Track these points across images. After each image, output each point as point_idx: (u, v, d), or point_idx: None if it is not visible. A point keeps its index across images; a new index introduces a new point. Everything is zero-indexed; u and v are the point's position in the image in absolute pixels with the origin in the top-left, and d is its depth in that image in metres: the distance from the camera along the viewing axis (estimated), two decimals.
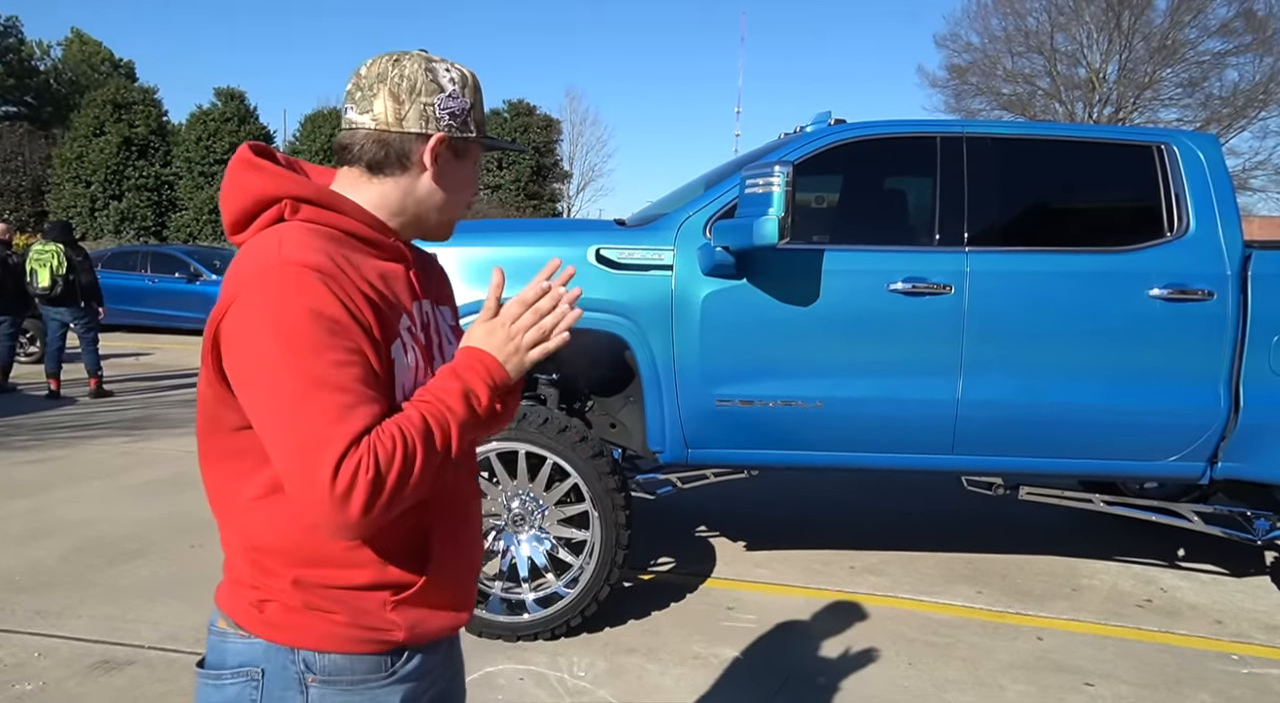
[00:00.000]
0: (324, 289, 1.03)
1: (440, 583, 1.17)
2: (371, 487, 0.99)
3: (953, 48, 29.24)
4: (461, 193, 1.23)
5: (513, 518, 3.43)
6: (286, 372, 1.00)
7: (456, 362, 1.17)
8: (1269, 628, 3.65)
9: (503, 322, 1.19)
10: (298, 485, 1.00)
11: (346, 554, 1.11)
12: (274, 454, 1.02)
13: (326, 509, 0.99)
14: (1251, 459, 3.50)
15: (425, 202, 1.20)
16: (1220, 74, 26.59)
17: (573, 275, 1.24)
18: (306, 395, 0.99)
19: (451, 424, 1.10)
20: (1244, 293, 3.42)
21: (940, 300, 3.38)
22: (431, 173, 1.18)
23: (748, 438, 3.47)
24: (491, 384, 1.16)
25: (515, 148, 1.41)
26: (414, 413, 1.07)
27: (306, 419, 0.99)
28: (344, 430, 0.99)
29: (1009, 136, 3.65)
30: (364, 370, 1.04)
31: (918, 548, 4.47)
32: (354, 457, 0.99)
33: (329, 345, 1.01)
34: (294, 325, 1.00)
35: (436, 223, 1.23)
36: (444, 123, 1.17)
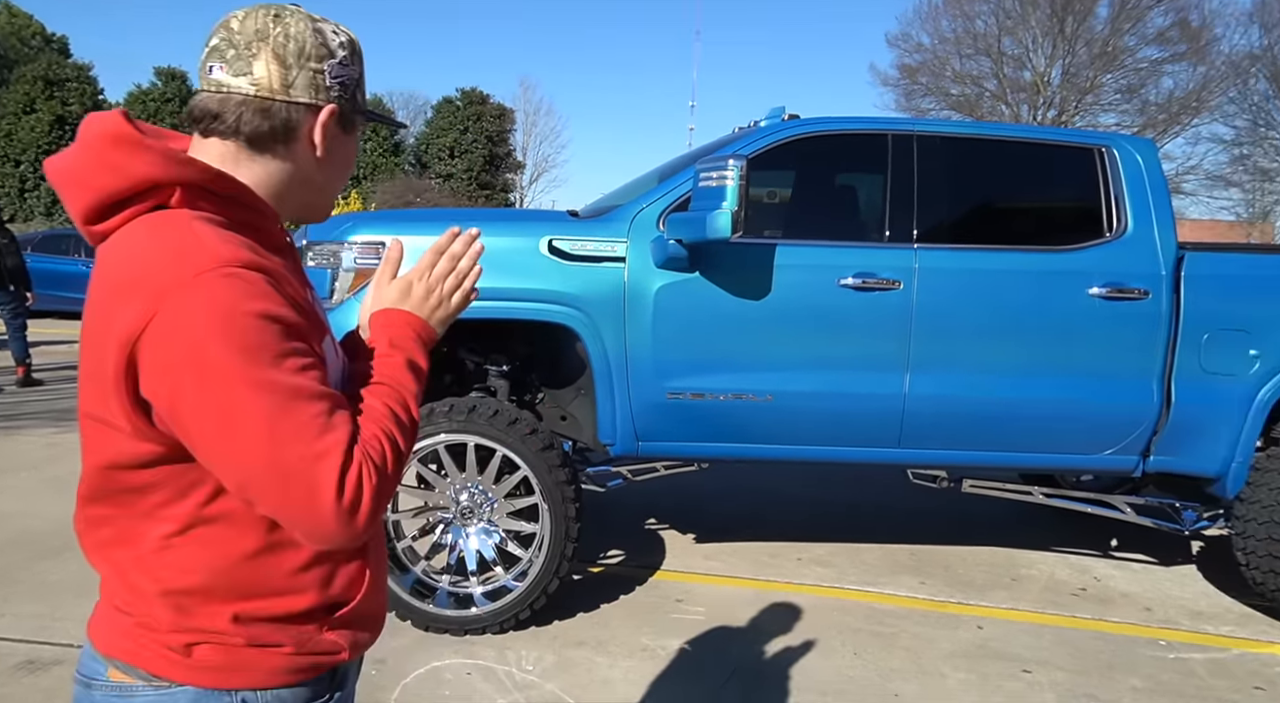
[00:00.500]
0: (270, 290, 0.93)
1: (374, 590, 1.13)
2: (376, 493, 0.94)
3: (904, 47, 29.70)
4: (345, 173, 1.12)
5: (461, 511, 3.39)
6: (253, 389, 0.88)
7: (384, 330, 1.12)
8: (1194, 614, 3.79)
9: (418, 274, 1.14)
10: (296, 509, 0.92)
11: (290, 580, 1.03)
12: (251, 483, 0.92)
13: (334, 526, 0.92)
14: (1181, 453, 3.63)
15: (309, 183, 1.07)
16: (1157, 81, 27.45)
17: (476, 236, 1.19)
18: (283, 411, 0.89)
19: (410, 402, 1.07)
20: (1177, 293, 3.53)
21: (889, 296, 3.43)
22: (320, 150, 1.05)
23: (699, 431, 3.49)
24: (426, 346, 1.13)
25: (397, 124, 1.33)
26: (376, 403, 1.03)
27: (290, 437, 0.89)
28: (334, 441, 0.92)
29: (958, 136, 3.72)
30: (323, 371, 0.97)
31: (863, 540, 4.54)
32: (354, 466, 0.92)
33: (290, 351, 0.92)
34: (249, 335, 0.89)
35: (318, 206, 1.12)
36: (335, 93, 1.04)
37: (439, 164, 32.73)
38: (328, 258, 3.42)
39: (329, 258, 3.42)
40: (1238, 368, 3.55)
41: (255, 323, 0.90)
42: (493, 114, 33.44)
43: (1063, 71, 27.75)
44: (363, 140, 29.75)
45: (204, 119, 1.02)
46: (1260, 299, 3.56)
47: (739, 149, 3.48)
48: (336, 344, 1.13)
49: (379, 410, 1.02)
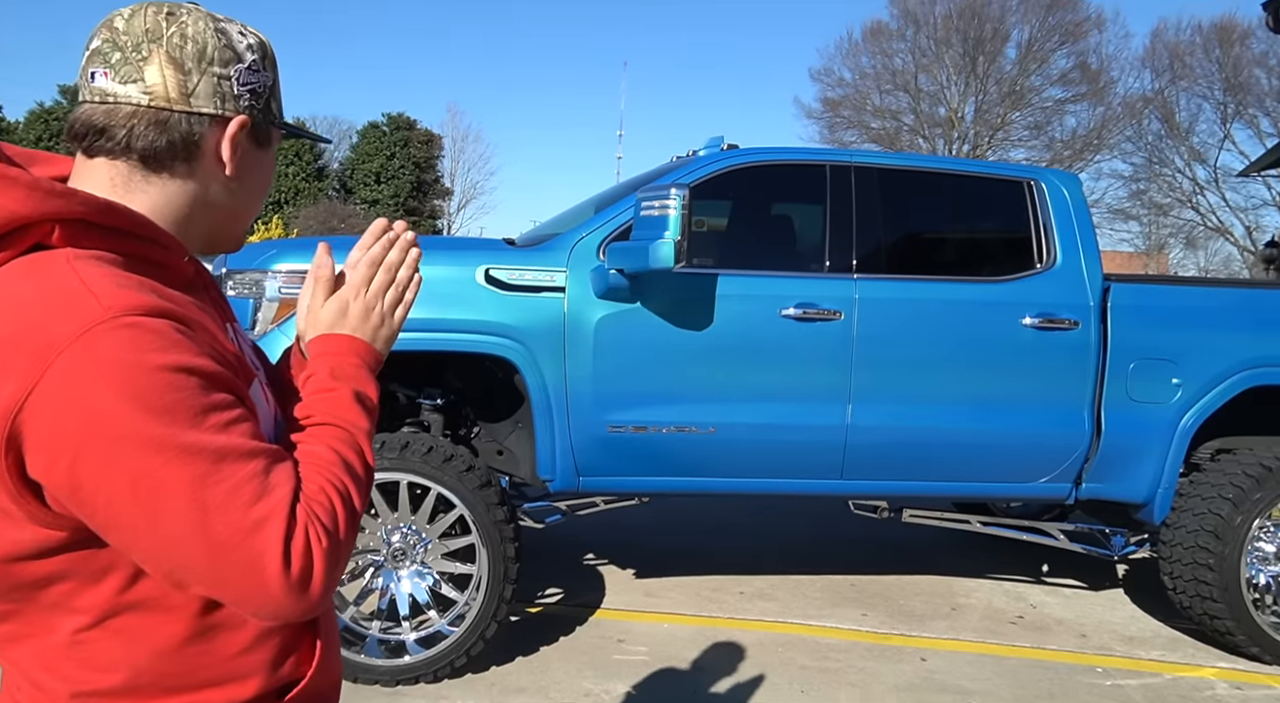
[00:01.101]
0: (180, 338, 0.79)
1: (326, 663, 0.98)
2: (328, 557, 0.80)
3: (826, 82, 30.62)
4: (260, 194, 0.98)
5: (393, 553, 3.23)
6: (170, 456, 0.75)
7: (322, 359, 0.97)
8: (1126, 639, 3.85)
9: (353, 291, 1.01)
10: (238, 589, 0.78)
11: (231, 666, 0.89)
12: (180, 565, 0.78)
13: (284, 602, 0.79)
14: (1111, 480, 3.71)
15: (217, 207, 0.92)
16: (1061, 119, 28.94)
17: (413, 241, 1.06)
18: (209, 477, 0.76)
19: (362, 443, 0.92)
20: (1104, 323, 3.62)
21: (830, 326, 3.42)
22: (230, 168, 0.91)
23: (641, 465, 3.40)
24: (373, 373, 0.99)
25: (318, 138, 1.18)
26: (321, 449, 0.89)
27: (221, 507, 0.76)
28: (274, 504, 0.79)
29: (894, 167, 3.76)
30: (252, 423, 0.83)
31: (804, 571, 4.50)
32: (299, 530, 0.79)
33: (210, 405, 0.78)
34: (159, 394, 0.75)
35: (229, 233, 0.97)
36: (245, 102, 0.90)
37: (364, 189, 32.19)
38: (249, 288, 3.24)
39: (250, 288, 3.23)
40: (1162, 396, 3.65)
41: (165, 379, 0.76)
42: (420, 140, 33.11)
43: (975, 108, 29.01)
44: (284, 164, 29.54)
45: (87, 135, 0.86)
46: (1181, 328, 3.67)
47: (679, 178, 3.45)
48: (267, 388, 0.99)
49: (325, 458, 0.88)
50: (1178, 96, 26.93)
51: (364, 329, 1.01)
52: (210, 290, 0.98)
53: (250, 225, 1.03)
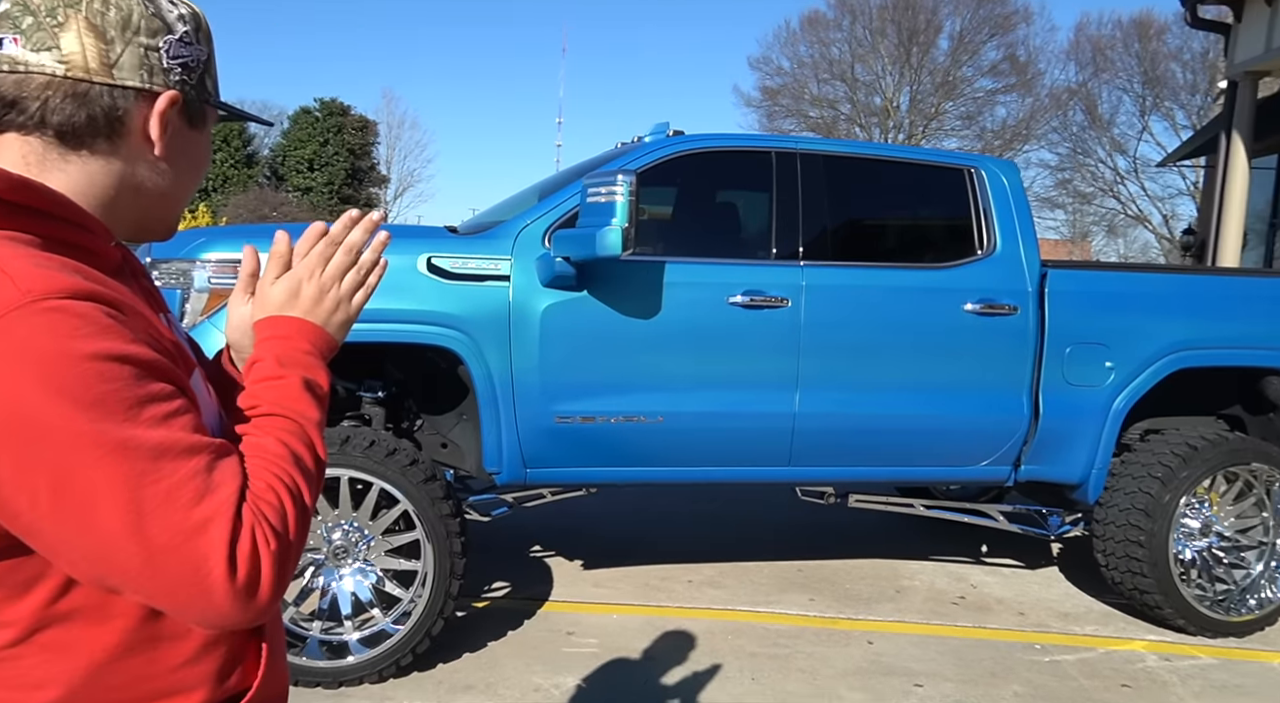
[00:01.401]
0: (110, 323, 0.72)
1: (274, 669, 0.92)
2: (277, 559, 0.74)
3: (765, 70, 30.82)
4: (194, 178, 0.91)
5: (334, 551, 3.13)
6: (102, 453, 0.69)
7: (269, 344, 0.90)
8: (1062, 616, 3.96)
9: (308, 270, 0.94)
10: (179, 597, 0.72)
11: (174, 678, 0.82)
12: (114, 572, 0.71)
13: (229, 609, 0.72)
14: (1048, 462, 3.80)
15: (146, 190, 0.85)
16: (992, 110, 29.66)
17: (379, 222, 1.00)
18: (146, 476, 0.70)
19: (313, 435, 0.86)
20: (1042, 308, 3.70)
21: (778, 313, 3.42)
22: (159, 147, 0.84)
23: (589, 456, 3.36)
24: (324, 360, 0.93)
25: (260, 120, 1.08)
26: (268, 442, 0.83)
27: (159, 508, 0.70)
28: (218, 503, 0.72)
29: (839, 154, 3.77)
30: (194, 415, 0.76)
31: (751, 557, 4.53)
32: (245, 532, 0.73)
33: (144, 397, 0.72)
34: (88, 384, 0.69)
35: (159, 219, 0.89)
36: (175, 77, 0.83)
37: (297, 177, 31.30)
38: (176, 278, 3.09)
39: (178, 278, 3.09)
40: (1096, 379, 3.75)
41: (94, 368, 0.69)
42: (354, 126, 32.31)
43: (910, 98, 29.53)
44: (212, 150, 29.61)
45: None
46: (1114, 313, 3.77)
47: (625, 164, 3.40)
48: (206, 379, 0.92)
49: (272, 452, 0.82)
50: (1100, 89, 27.85)
51: (317, 312, 0.94)
52: (140, 278, 0.91)
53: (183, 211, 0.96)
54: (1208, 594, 3.79)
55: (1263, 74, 8.44)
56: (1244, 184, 8.40)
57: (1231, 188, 8.36)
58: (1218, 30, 9.31)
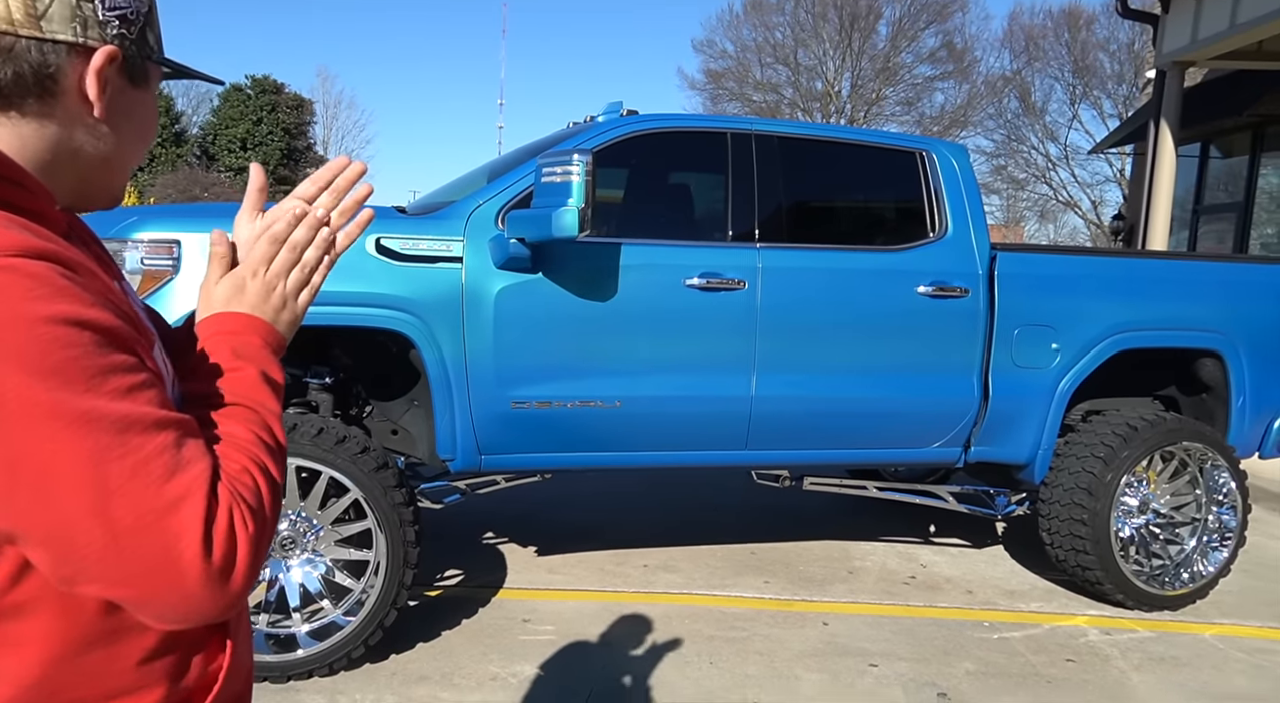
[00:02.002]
0: (67, 285, 0.66)
1: (238, 664, 0.87)
2: (255, 542, 0.70)
3: (709, 53, 30.72)
4: (142, 141, 0.85)
5: (281, 542, 3.02)
6: (62, 425, 0.63)
7: (223, 338, 0.86)
8: (1008, 593, 4.06)
9: (251, 269, 0.90)
10: (147, 584, 0.66)
11: (134, 674, 0.76)
12: (74, 557, 0.65)
13: (202, 596, 0.67)
14: (997, 443, 3.87)
15: (87, 154, 0.78)
16: (930, 96, 30.13)
17: (362, 173, 0.94)
18: (112, 450, 0.64)
19: (274, 425, 0.82)
20: (991, 291, 3.75)
21: (734, 296, 3.40)
22: (98, 108, 0.77)
23: (545, 441, 3.30)
24: (276, 355, 0.89)
25: (210, 79, 0.98)
26: (238, 428, 0.78)
27: (126, 484, 0.65)
28: (190, 479, 0.67)
29: (793, 136, 3.75)
30: (160, 388, 0.71)
31: (705, 541, 4.53)
32: (222, 511, 0.68)
33: (106, 366, 0.66)
34: (44, 351, 0.63)
35: (102, 186, 0.83)
36: (113, 30, 0.76)
37: (229, 156, 30.25)
38: None
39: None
40: (1043, 361, 3.82)
41: (51, 333, 0.63)
42: (289, 105, 31.30)
43: (851, 83, 29.81)
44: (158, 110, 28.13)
45: None
46: (1061, 296, 3.85)
47: (580, 144, 3.33)
48: (166, 356, 0.85)
49: (242, 437, 0.78)
50: (1033, 77, 28.51)
51: (264, 309, 0.89)
52: (91, 244, 0.84)
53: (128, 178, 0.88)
54: (1144, 569, 3.91)
55: (1189, 64, 8.71)
56: (1171, 171, 8.68)
57: (1160, 175, 8.63)
58: (1146, 20, 9.57)
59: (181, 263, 2.92)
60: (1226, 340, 4.01)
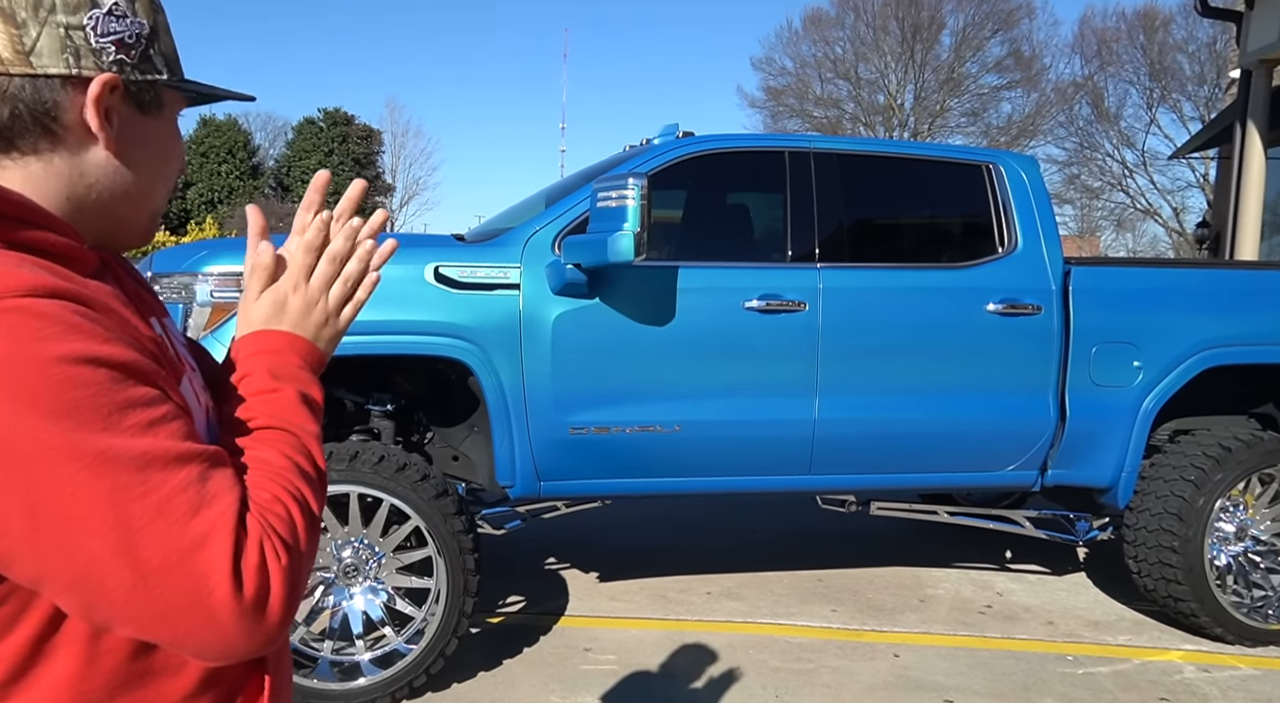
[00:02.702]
0: (81, 321, 0.65)
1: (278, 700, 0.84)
2: (289, 575, 0.67)
3: (768, 71, 30.71)
4: (165, 170, 0.82)
5: (344, 570, 3.04)
6: (80, 467, 0.61)
7: (260, 358, 0.83)
8: (1093, 625, 3.85)
9: (292, 282, 0.87)
10: (178, 624, 0.64)
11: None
12: (101, 602, 0.63)
13: (237, 633, 0.65)
14: (1076, 466, 3.69)
15: (105, 189, 0.76)
16: (997, 106, 29.50)
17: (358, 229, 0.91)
18: (133, 489, 0.63)
19: (313, 448, 0.79)
20: (1066, 307, 3.59)
21: (795, 317, 3.32)
22: (104, 140, 0.74)
23: (604, 467, 3.27)
24: (315, 374, 0.86)
25: (236, 96, 0.91)
26: (271, 455, 0.76)
27: (149, 523, 0.62)
28: (218, 516, 0.65)
29: (853, 152, 3.67)
30: (184, 421, 0.69)
31: (769, 567, 4.42)
32: (252, 546, 0.66)
33: (124, 403, 0.64)
34: (56, 392, 0.61)
35: (128, 220, 0.80)
36: (110, 58, 0.73)
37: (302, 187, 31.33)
38: (179, 292, 3.01)
39: (180, 292, 3.01)
40: (1124, 379, 3.63)
41: (64, 373, 0.62)
42: (359, 135, 32.37)
43: (914, 95, 29.38)
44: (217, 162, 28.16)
45: None
46: (1141, 311, 3.66)
47: (635, 167, 3.31)
48: (201, 387, 0.84)
49: (276, 464, 0.75)
50: (1106, 82, 27.65)
51: (305, 326, 0.86)
52: (126, 281, 0.82)
53: (162, 213, 0.86)
54: (1245, 601, 3.67)
55: (1277, 62, 8.29)
56: (1260, 175, 8.25)
57: (1248, 179, 8.21)
58: (1229, 19, 9.16)
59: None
60: None
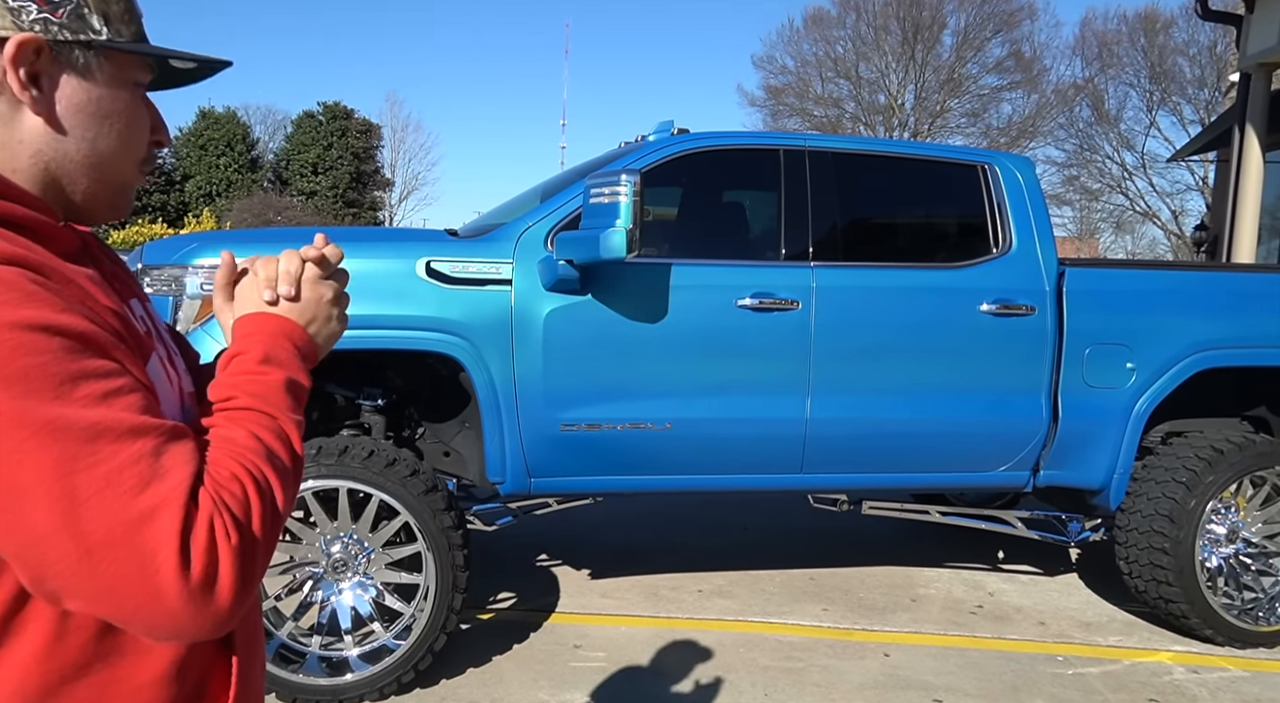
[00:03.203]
0: (36, 290, 0.64)
1: (246, 686, 0.83)
2: (239, 555, 0.66)
3: (769, 69, 30.66)
4: (120, 139, 0.78)
5: (333, 564, 3.03)
6: (25, 434, 0.61)
7: (251, 340, 0.83)
8: (1084, 626, 3.85)
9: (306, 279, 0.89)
10: (123, 599, 0.63)
11: (133, 699, 0.73)
12: (48, 574, 0.63)
13: (184, 613, 0.63)
14: (1068, 467, 3.68)
15: (49, 156, 0.74)
16: (997, 107, 29.47)
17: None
18: (81, 459, 0.62)
19: (290, 432, 0.78)
20: (1060, 308, 3.58)
21: (788, 316, 3.32)
22: (30, 104, 0.72)
23: (595, 464, 3.26)
24: (307, 363, 0.86)
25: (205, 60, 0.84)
26: (238, 432, 0.74)
27: (96, 495, 0.62)
28: (168, 490, 0.64)
29: (848, 151, 3.66)
30: (143, 395, 0.68)
31: (761, 566, 4.42)
32: (202, 522, 0.64)
33: (77, 373, 0.64)
34: (8, 356, 0.61)
35: (93, 195, 0.78)
36: (31, 16, 0.71)
37: (301, 181, 31.31)
38: (168, 284, 3.00)
39: (170, 284, 3.00)
40: (1117, 381, 3.63)
41: (16, 339, 0.61)
42: (358, 130, 32.27)
43: (915, 95, 29.36)
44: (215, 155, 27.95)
45: None
46: (1135, 313, 3.66)
47: (629, 164, 3.30)
48: (179, 369, 0.84)
49: (243, 443, 0.73)
50: (1106, 84, 27.63)
51: (304, 317, 0.86)
52: (104, 262, 0.82)
53: (132, 186, 0.83)
54: (1235, 603, 3.67)
55: (1276, 66, 8.28)
56: (1258, 178, 8.25)
57: (1246, 182, 8.21)
58: (1228, 22, 9.16)
59: None
60: None
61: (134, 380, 0.68)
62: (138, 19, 0.79)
